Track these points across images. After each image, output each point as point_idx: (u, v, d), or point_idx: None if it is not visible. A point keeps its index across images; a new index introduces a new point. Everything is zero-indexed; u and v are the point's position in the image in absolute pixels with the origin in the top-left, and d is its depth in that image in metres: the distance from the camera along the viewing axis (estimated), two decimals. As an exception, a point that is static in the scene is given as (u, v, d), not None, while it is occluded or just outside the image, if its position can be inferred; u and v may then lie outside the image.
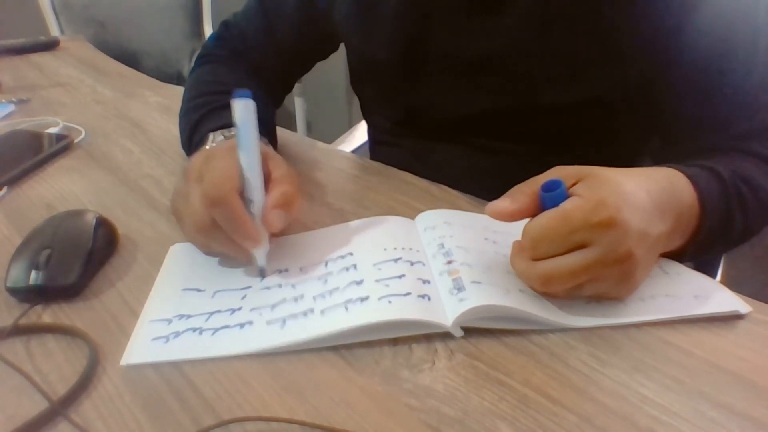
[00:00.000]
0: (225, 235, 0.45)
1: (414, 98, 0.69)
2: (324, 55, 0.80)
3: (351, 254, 0.47)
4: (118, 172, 0.67)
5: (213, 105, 0.63)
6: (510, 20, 0.59)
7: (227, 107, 0.60)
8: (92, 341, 0.40)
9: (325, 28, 0.72)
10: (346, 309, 0.41)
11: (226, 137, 0.56)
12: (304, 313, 0.42)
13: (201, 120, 0.62)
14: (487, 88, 0.63)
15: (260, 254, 0.46)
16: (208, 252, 0.49)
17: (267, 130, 0.63)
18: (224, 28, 0.78)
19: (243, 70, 0.73)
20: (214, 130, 0.58)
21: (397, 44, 0.65)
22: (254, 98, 0.46)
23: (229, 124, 0.57)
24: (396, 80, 0.69)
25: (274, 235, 0.49)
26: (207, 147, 0.55)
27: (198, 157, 0.50)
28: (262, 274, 0.47)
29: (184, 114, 0.67)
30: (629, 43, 0.56)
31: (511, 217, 0.42)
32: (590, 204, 0.39)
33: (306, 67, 0.81)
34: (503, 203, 0.42)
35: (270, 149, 0.55)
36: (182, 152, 0.71)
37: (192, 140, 0.62)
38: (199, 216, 0.44)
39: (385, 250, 0.47)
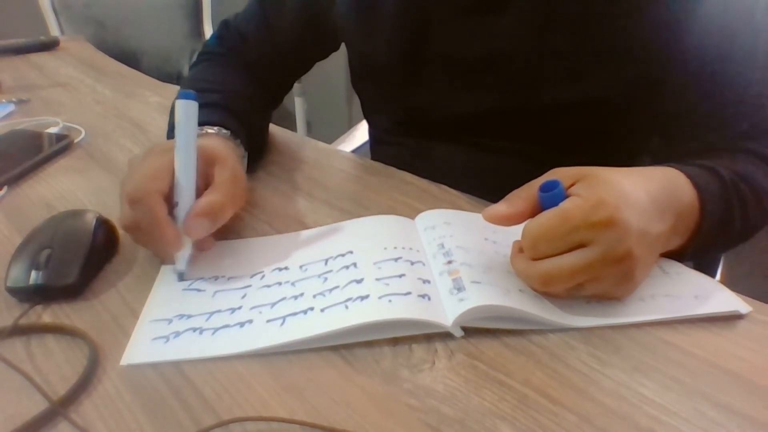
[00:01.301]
0: (146, 233, 0.45)
1: (414, 97, 0.69)
2: (324, 55, 0.80)
3: (351, 252, 0.47)
4: (118, 172, 0.67)
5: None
6: (510, 19, 0.59)
7: (207, 106, 0.59)
8: (92, 341, 0.40)
9: (326, 28, 0.72)
10: (346, 307, 0.41)
11: (198, 135, 0.56)
12: (304, 312, 0.42)
13: None
14: (487, 88, 0.63)
15: (180, 258, 0.46)
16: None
17: (246, 132, 0.62)
18: (224, 28, 0.78)
19: (240, 69, 0.73)
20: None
21: (397, 43, 0.65)
22: (246, 97, 0.46)
23: (202, 123, 0.56)
24: (396, 79, 0.69)
25: (269, 228, 0.49)
26: None
27: (143, 152, 0.50)
28: (180, 278, 0.47)
29: (170, 113, 0.67)
30: (629, 43, 0.56)
31: (508, 221, 0.42)
32: (589, 203, 0.39)
33: (306, 66, 0.81)
34: (499, 208, 0.42)
35: (226, 153, 0.52)
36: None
37: (168, 136, 0.62)
38: (124, 212, 0.46)
39: (385, 249, 0.47)
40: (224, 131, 0.58)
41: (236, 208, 0.50)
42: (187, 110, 0.46)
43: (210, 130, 0.57)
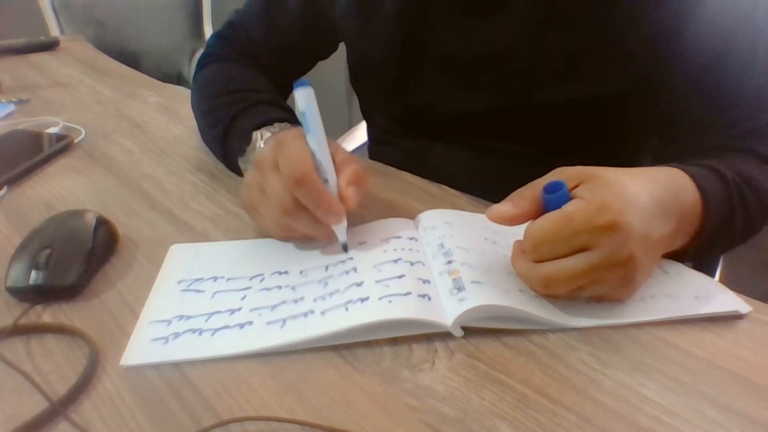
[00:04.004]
0: (308, 215, 0.46)
1: (413, 96, 0.69)
2: (324, 55, 0.80)
3: (351, 258, 0.47)
4: (118, 172, 0.67)
5: (246, 103, 0.62)
6: (508, 19, 0.59)
7: (261, 104, 0.62)
8: (92, 341, 0.40)
9: (326, 27, 0.72)
10: (347, 309, 0.41)
11: (272, 133, 0.56)
12: (305, 314, 0.42)
13: (237, 117, 0.61)
14: (486, 87, 0.63)
15: (341, 230, 0.48)
16: (287, 238, 0.50)
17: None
18: (229, 28, 0.78)
19: (252, 68, 0.74)
20: (256, 128, 0.57)
21: (396, 42, 0.65)
22: (275, 92, 0.47)
23: (268, 121, 0.58)
24: (395, 78, 0.69)
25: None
26: (259, 144, 0.56)
27: (266, 148, 0.50)
28: (344, 248, 0.48)
29: (210, 111, 0.67)
30: (628, 43, 0.56)
31: (512, 221, 0.42)
32: (593, 207, 0.39)
33: (307, 66, 0.81)
34: (504, 207, 0.42)
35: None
36: (182, 152, 0.71)
37: (228, 138, 0.61)
38: (283, 199, 0.46)
39: (384, 251, 0.47)
40: (289, 125, 0.58)
41: None
42: (309, 96, 0.48)
43: (278, 126, 0.58)
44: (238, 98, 0.64)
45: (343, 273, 0.46)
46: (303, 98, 0.48)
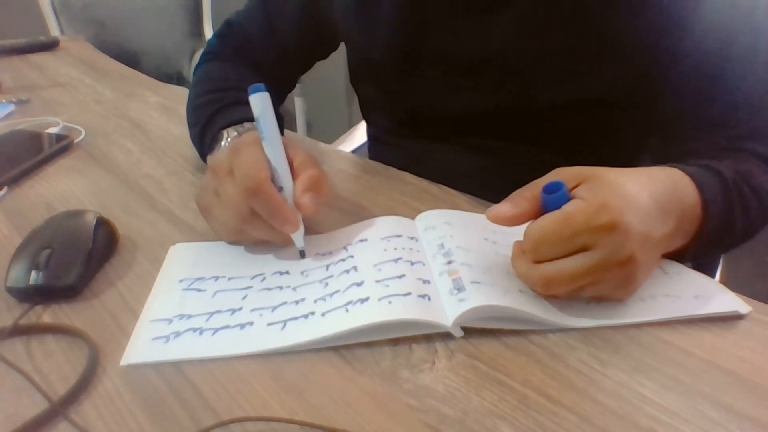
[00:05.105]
0: (263, 222, 0.46)
1: (412, 97, 0.69)
2: (324, 55, 0.80)
3: (351, 257, 0.47)
4: (118, 172, 0.67)
5: (223, 102, 0.63)
6: (508, 20, 0.59)
7: (237, 104, 0.62)
8: (92, 341, 0.40)
9: (326, 27, 0.72)
10: (347, 311, 0.41)
11: (239, 133, 0.57)
12: (305, 316, 0.42)
13: (212, 116, 0.62)
14: (485, 88, 0.63)
15: (298, 237, 0.48)
16: (238, 242, 0.51)
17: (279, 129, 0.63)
18: (227, 27, 0.79)
19: (248, 67, 0.74)
20: (225, 126, 0.59)
21: (396, 43, 0.65)
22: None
23: (239, 120, 0.59)
24: (394, 79, 0.69)
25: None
26: (223, 143, 0.56)
27: (223, 152, 0.50)
28: (302, 255, 0.48)
29: (194, 110, 0.68)
30: (628, 43, 0.56)
31: (512, 221, 0.42)
32: (592, 207, 0.39)
33: (306, 66, 0.81)
34: (503, 208, 0.42)
35: (287, 138, 0.55)
36: (182, 152, 0.71)
37: (204, 137, 0.62)
38: (238, 207, 0.46)
39: (385, 250, 0.47)
40: None
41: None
42: (264, 102, 0.47)
43: (248, 125, 0.58)
44: (218, 97, 0.65)
45: (344, 272, 0.46)
46: (257, 104, 0.47)
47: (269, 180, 0.46)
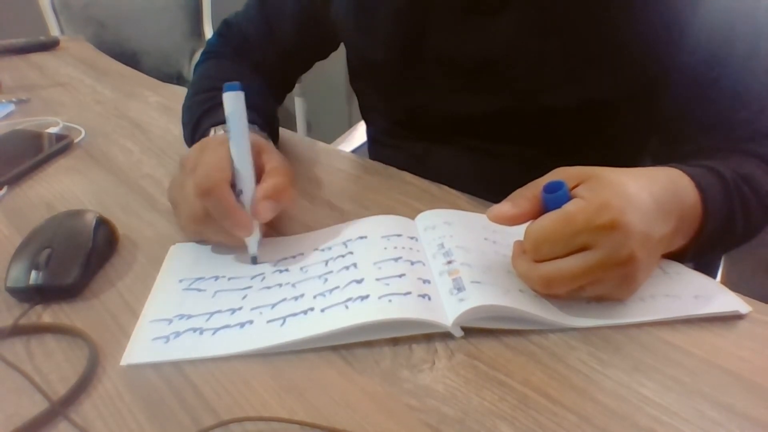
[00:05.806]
0: (217, 224, 0.46)
1: (412, 98, 0.68)
2: (324, 55, 0.80)
3: (351, 253, 0.47)
4: (118, 172, 0.67)
5: (215, 100, 0.63)
6: (508, 21, 0.58)
7: None
8: (92, 341, 0.40)
9: (325, 27, 0.72)
10: (347, 307, 0.41)
11: (225, 131, 0.56)
12: (305, 312, 0.42)
13: (203, 115, 0.63)
14: (485, 90, 0.63)
15: (251, 242, 0.48)
16: (200, 240, 0.51)
17: (267, 125, 0.64)
18: (226, 27, 0.79)
19: (246, 67, 0.74)
20: (215, 125, 0.59)
21: (395, 44, 0.65)
22: (257, 92, 0.47)
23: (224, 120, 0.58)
24: (394, 80, 0.69)
25: (270, 230, 0.50)
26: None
27: (194, 148, 0.51)
28: (253, 261, 0.48)
29: (187, 109, 0.68)
30: (628, 45, 0.56)
31: (512, 221, 0.42)
32: (593, 206, 0.39)
33: (306, 66, 0.81)
34: (504, 207, 0.42)
35: (266, 142, 0.55)
36: (182, 152, 0.71)
37: (194, 135, 0.63)
38: (193, 206, 0.46)
39: (385, 249, 0.47)
40: (252, 125, 0.58)
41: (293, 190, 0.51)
42: (236, 101, 0.47)
43: None
44: (208, 97, 0.65)
45: (343, 268, 0.46)
46: (229, 102, 0.46)
47: (226, 181, 0.45)
